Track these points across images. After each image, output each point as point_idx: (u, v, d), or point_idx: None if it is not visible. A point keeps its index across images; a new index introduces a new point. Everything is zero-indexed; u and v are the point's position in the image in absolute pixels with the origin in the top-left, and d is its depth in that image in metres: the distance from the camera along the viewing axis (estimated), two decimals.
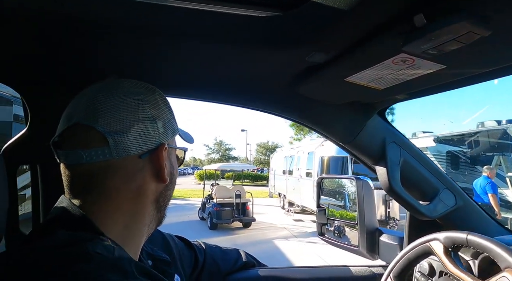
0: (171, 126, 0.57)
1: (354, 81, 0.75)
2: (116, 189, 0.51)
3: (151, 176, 0.54)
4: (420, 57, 0.57)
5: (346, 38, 0.60)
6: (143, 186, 0.54)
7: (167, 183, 0.56)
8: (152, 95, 0.56)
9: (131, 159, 0.51)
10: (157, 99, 0.56)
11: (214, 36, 0.64)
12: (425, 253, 0.83)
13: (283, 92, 0.94)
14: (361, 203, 1.42)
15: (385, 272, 0.91)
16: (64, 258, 0.42)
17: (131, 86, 0.55)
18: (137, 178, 0.53)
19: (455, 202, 1.03)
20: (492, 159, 7.89)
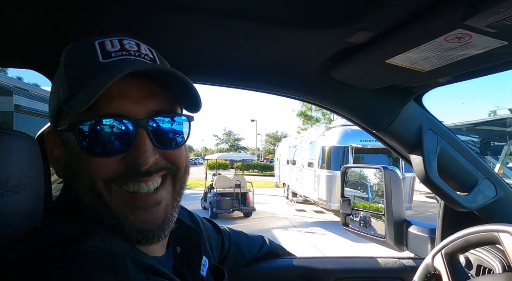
0: (52, 101, 0.51)
1: (396, 62, 0.70)
2: None
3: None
4: (480, 33, 0.52)
5: (396, 13, 0.55)
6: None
7: (64, 179, 0.52)
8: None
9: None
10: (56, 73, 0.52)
11: (244, 13, 0.61)
12: (489, 242, 0.78)
13: (315, 77, 0.90)
14: (389, 193, 1.37)
15: (437, 246, 0.87)
16: (51, 260, 0.40)
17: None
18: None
19: (496, 193, 0.98)
20: (502, 149, 7.62)
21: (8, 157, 0.53)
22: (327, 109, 1.05)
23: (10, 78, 7.01)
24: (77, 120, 0.46)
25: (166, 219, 0.50)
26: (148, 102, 0.48)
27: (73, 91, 0.46)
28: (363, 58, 0.72)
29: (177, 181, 0.53)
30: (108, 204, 0.47)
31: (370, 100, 0.95)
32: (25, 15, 0.63)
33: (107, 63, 0.47)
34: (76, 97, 0.45)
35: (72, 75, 0.47)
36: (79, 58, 0.49)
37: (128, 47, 0.49)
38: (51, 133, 0.52)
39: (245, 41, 0.74)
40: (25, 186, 0.55)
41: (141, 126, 0.46)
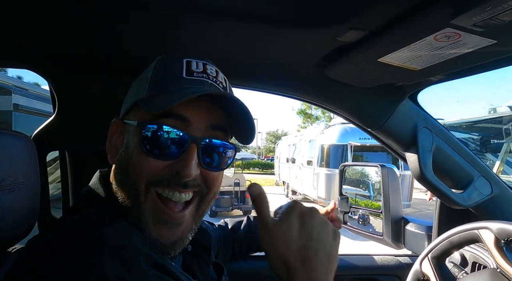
0: (130, 97, 0.56)
1: (388, 61, 0.70)
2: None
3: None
4: (468, 32, 0.52)
5: (386, 12, 0.56)
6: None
7: (116, 167, 0.54)
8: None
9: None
10: (140, 76, 0.57)
11: (237, 13, 0.61)
12: (471, 240, 0.79)
13: (309, 76, 0.91)
14: (386, 191, 1.38)
15: (423, 251, 0.88)
16: (72, 244, 0.41)
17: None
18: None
19: (491, 191, 0.98)
20: (501, 147, 7.58)
21: (4, 157, 0.54)
22: (323, 108, 1.05)
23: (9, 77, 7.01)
24: (147, 118, 0.50)
25: (181, 239, 0.53)
26: (210, 117, 0.53)
27: (152, 93, 0.51)
28: (355, 57, 0.72)
29: (203, 203, 0.56)
30: (141, 204, 0.50)
31: (365, 99, 0.95)
32: (26, 18, 0.64)
33: (188, 80, 0.52)
34: (155, 99, 0.50)
35: (155, 80, 0.53)
36: (166, 69, 0.54)
37: (209, 72, 0.55)
38: (117, 122, 0.56)
39: (239, 40, 0.74)
40: (21, 185, 0.56)
41: (195, 142, 0.51)
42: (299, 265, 0.44)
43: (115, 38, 0.73)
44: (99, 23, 0.66)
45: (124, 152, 0.52)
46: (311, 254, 0.45)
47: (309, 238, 0.45)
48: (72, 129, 0.92)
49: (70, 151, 0.92)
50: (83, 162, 0.93)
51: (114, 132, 0.55)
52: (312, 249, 0.45)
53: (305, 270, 0.44)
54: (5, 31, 0.70)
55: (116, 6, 0.59)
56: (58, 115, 0.91)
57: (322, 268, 0.45)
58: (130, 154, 0.51)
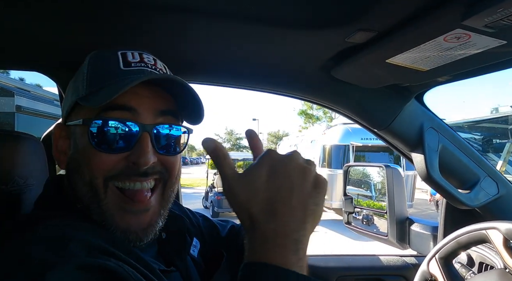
0: (69, 99, 0.54)
1: (397, 62, 0.71)
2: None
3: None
4: (478, 33, 0.52)
5: (395, 14, 0.56)
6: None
7: (67, 170, 0.54)
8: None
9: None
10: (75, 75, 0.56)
11: (247, 15, 0.61)
12: (479, 241, 0.79)
13: (317, 76, 0.91)
14: (391, 191, 1.38)
15: (431, 252, 0.88)
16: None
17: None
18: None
19: (498, 191, 0.98)
20: (504, 147, 7.59)
21: (14, 158, 0.54)
22: (329, 108, 1.06)
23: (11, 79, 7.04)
24: (92, 115, 0.49)
25: (151, 226, 0.53)
26: (157, 103, 0.52)
27: (92, 89, 0.50)
28: (363, 58, 0.72)
29: (167, 188, 0.56)
30: (101, 201, 0.49)
31: (371, 99, 0.95)
32: (34, 21, 0.64)
33: (127, 70, 0.51)
34: (96, 94, 0.49)
35: (93, 76, 0.52)
36: (101, 63, 0.53)
37: (146, 60, 0.54)
38: (60, 127, 0.55)
39: (247, 42, 0.74)
40: (31, 187, 0.57)
41: (146, 130, 0.50)
42: (264, 218, 0.39)
43: (122, 40, 0.74)
44: (106, 25, 0.66)
45: (75, 154, 0.51)
46: (280, 206, 0.39)
47: (278, 187, 0.39)
48: None
49: None
50: None
51: (58, 137, 0.55)
52: (281, 201, 0.39)
53: (272, 224, 0.38)
54: (14, 34, 0.70)
55: (123, 9, 0.59)
56: None
57: (294, 222, 0.39)
58: (81, 154, 0.50)
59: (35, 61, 0.86)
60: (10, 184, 0.51)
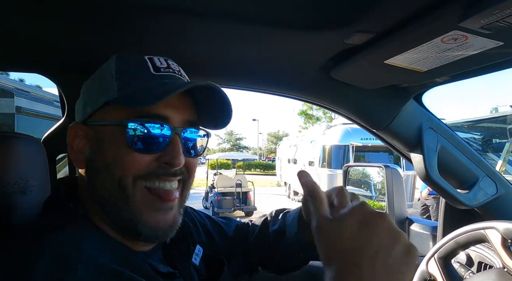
0: (93, 99, 0.55)
1: (395, 63, 0.71)
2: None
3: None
4: (475, 34, 0.53)
5: (393, 15, 0.56)
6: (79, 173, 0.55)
7: (88, 170, 0.54)
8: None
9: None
10: (95, 75, 0.57)
11: (246, 16, 0.62)
12: (478, 240, 0.79)
13: (316, 77, 0.91)
14: (390, 191, 1.38)
15: (430, 252, 0.89)
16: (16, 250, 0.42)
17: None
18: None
19: (496, 191, 0.98)
20: (503, 146, 7.60)
21: (16, 160, 0.55)
22: (328, 109, 1.06)
23: (11, 80, 7.04)
24: (124, 117, 0.51)
25: (175, 223, 0.56)
26: (185, 113, 0.55)
27: (126, 92, 0.52)
28: (362, 59, 0.73)
29: (186, 189, 0.59)
30: (130, 199, 0.50)
31: (370, 100, 0.96)
32: (34, 22, 0.64)
33: (158, 76, 0.54)
34: (134, 97, 0.51)
35: (125, 79, 0.53)
36: (132, 66, 0.55)
37: (172, 67, 0.57)
38: (76, 126, 0.55)
39: (246, 43, 0.75)
40: (32, 188, 0.57)
41: (176, 133, 0.53)
42: (345, 268, 0.39)
43: (122, 40, 0.74)
44: (106, 26, 0.66)
45: (98, 154, 0.52)
46: (364, 261, 0.38)
47: (367, 243, 0.39)
48: None
49: None
50: None
51: (75, 136, 0.55)
52: (366, 256, 0.39)
53: (351, 276, 0.38)
54: (14, 35, 0.71)
55: (123, 10, 0.60)
56: (67, 118, 0.92)
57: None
58: (110, 154, 0.51)
59: (35, 63, 0.87)
60: (11, 186, 0.52)
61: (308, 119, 23.85)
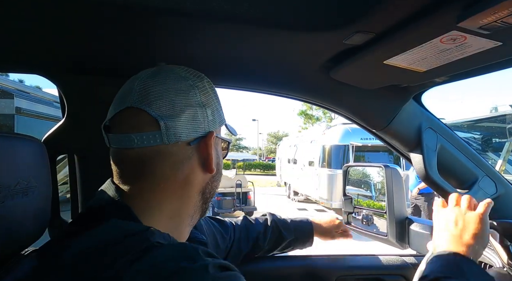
0: (218, 115, 0.56)
1: (394, 63, 0.71)
2: (164, 177, 0.50)
3: (198, 165, 0.53)
4: (474, 34, 0.53)
5: (393, 16, 0.56)
6: (191, 176, 0.52)
7: (214, 173, 0.56)
8: (201, 81, 0.55)
9: (180, 146, 0.50)
10: (206, 86, 0.55)
11: (245, 17, 0.62)
12: None
13: (315, 78, 0.92)
14: (390, 191, 1.38)
15: (430, 251, 0.89)
16: (132, 248, 0.40)
17: (181, 71, 0.54)
18: (185, 167, 0.51)
19: (496, 190, 0.99)
20: (503, 146, 7.62)
21: (17, 161, 0.55)
22: (328, 109, 1.06)
23: (11, 80, 7.05)
24: (224, 139, 0.61)
25: None
26: None
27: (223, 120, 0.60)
28: (361, 60, 0.73)
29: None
30: (209, 200, 0.60)
31: (369, 100, 0.96)
32: (32, 22, 0.64)
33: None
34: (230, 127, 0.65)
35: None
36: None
37: None
38: (215, 135, 0.55)
39: (246, 44, 0.75)
40: (34, 189, 0.57)
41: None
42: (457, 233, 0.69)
43: (122, 41, 0.74)
44: (108, 27, 0.67)
45: (219, 159, 0.59)
46: (464, 232, 0.68)
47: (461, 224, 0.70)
48: (81, 133, 0.93)
49: (79, 155, 0.93)
50: (92, 166, 0.94)
51: (214, 143, 0.55)
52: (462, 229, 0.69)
53: (459, 238, 0.67)
54: (13, 36, 0.71)
55: (124, 11, 0.60)
56: (67, 119, 0.92)
57: (468, 238, 0.67)
58: (221, 164, 0.60)
59: (35, 64, 0.87)
60: (13, 187, 0.52)
61: (308, 119, 23.84)
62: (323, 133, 9.19)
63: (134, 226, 0.45)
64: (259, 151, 40.11)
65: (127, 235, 0.42)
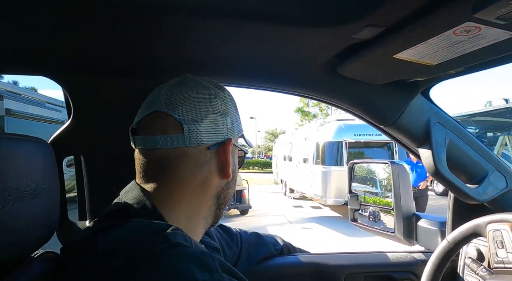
0: (237, 124, 0.61)
1: (404, 57, 0.70)
2: (185, 178, 0.54)
3: (216, 170, 0.57)
4: (489, 25, 0.52)
5: (404, 8, 0.55)
6: (208, 179, 0.56)
7: (229, 179, 0.59)
8: (222, 92, 0.60)
9: (200, 149, 0.54)
10: (226, 96, 0.60)
11: (252, 13, 0.61)
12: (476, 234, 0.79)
13: (322, 74, 0.90)
14: (397, 188, 1.37)
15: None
16: (150, 246, 0.43)
17: (204, 82, 0.59)
18: (204, 170, 0.56)
19: (506, 185, 0.97)
20: (497, 140, 7.63)
21: (26, 163, 0.54)
22: (334, 106, 1.05)
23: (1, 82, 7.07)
24: (241, 148, 0.63)
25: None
26: None
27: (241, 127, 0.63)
28: (370, 54, 0.72)
29: None
30: (224, 206, 0.62)
31: (377, 95, 0.95)
32: (35, 23, 0.63)
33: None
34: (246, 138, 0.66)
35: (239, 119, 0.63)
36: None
37: None
38: (233, 143, 0.59)
39: (253, 40, 0.74)
40: (43, 190, 0.56)
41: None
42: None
43: (128, 41, 0.73)
44: (112, 27, 0.66)
45: (236, 168, 0.62)
46: None
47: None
48: (87, 134, 0.93)
49: (85, 156, 0.92)
50: (99, 166, 0.93)
51: (231, 150, 0.59)
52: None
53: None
54: (18, 38, 0.70)
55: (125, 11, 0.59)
56: (73, 120, 0.91)
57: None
58: (236, 171, 0.61)
59: (40, 65, 0.86)
60: (23, 189, 0.51)
61: (304, 116, 23.74)
62: (317, 130, 9.15)
63: (159, 225, 0.48)
64: (258, 149, 40.06)
65: (152, 232, 0.45)
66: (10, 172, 0.49)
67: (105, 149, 0.92)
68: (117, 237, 0.46)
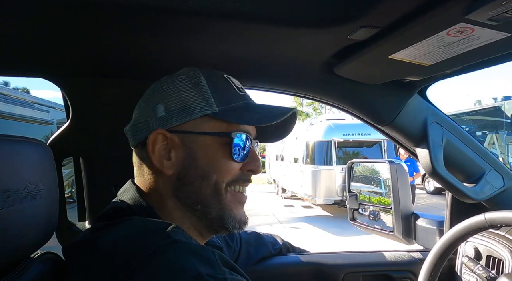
0: (186, 107, 0.55)
1: (399, 58, 0.71)
2: (142, 182, 0.57)
3: (153, 167, 0.56)
4: (482, 26, 0.52)
5: (398, 9, 0.56)
6: (152, 178, 0.56)
7: (173, 174, 0.55)
8: (169, 78, 0.59)
9: (136, 149, 0.59)
10: (169, 81, 0.58)
11: (248, 14, 0.61)
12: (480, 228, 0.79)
13: (319, 74, 0.91)
14: (396, 187, 1.38)
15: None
16: (151, 244, 0.43)
17: (157, 82, 0.61)
18: (144, 169, 0.57)
19: (503, 183, 0.98)
20: (485, 138, 7.62)
21: (25, 164, 0.54)
22: (332, 106, 1.06)
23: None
24: (228, 130, 0.56)
25: (247, 219, 0.63)
26: (254, 129, 0.63)
27: (224, 109, 0.56)
28: (366, 55, 0.72)
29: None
30: (223, 200, 0.57)
31: (374, 95, 0.96)
32: (33, 26, 0.64)
33: (243, 95, 0.61)
34: (237, 114, 0.57)
35: (220, 95, 0.57)
36: (220, 85, 0.59)
37: (241, 87, 0.64)
38: (161, 134, 0.55)
39: (249, 41, 0.74)
40: (42, 192, 0.57)
41: (253, 145, 0.61)
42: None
43: (126, 43, 0.74)
44: (110, 28, 0.66)
45: (193, 161, 0.55)
46: None
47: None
48: (86, 135, 0.93)
49: (84, 157, 0.93)
50: (98, 168, 0.94)
51: (160, 143, 0.55)
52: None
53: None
54: (15, 40, 0.70)
55: (125, 13, 0.59)
56: (72, 121, 0.92)
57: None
58: (208, 161, 0.55)
59: (38, 67, 0.87)
60: (22, 190, 0.52)
61: (298, 115, 23.65)
62: (306, 129, 9.14)
63: (159, 223, 0.48)
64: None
65: (152, 230, 0.46)
66: (9, 173, 0.49)
67: (103, 150, 0.93)
68: (117, 236, 0.47)
